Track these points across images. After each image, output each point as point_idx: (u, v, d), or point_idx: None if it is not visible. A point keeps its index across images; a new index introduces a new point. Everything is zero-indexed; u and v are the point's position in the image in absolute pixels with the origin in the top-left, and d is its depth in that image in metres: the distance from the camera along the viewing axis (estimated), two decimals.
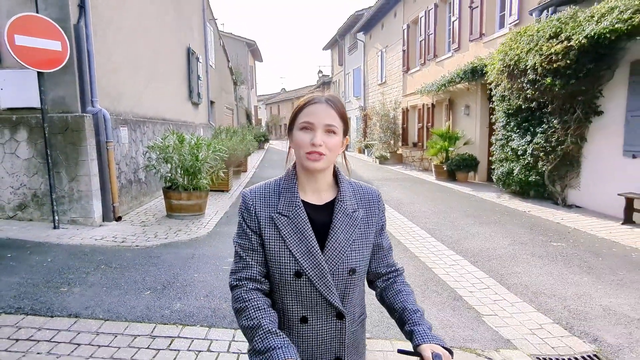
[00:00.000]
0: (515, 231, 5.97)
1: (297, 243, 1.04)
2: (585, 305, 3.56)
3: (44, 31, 4.75)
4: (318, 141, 1.01)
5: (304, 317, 1.07)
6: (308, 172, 1.08)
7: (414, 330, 1.06)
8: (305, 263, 1.03)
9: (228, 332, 2.91)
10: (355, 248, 1.09)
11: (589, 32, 5.55)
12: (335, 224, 1.07)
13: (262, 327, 0.99)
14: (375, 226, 1.15)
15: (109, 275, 3.81)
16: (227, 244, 5.00)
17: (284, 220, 1.05)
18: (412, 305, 1.13)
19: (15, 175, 5.28)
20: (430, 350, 0.99)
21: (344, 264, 1.06)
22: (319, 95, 1.08)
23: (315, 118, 1.03)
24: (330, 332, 1.09)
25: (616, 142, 6.44)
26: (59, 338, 2.72)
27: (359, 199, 1.14)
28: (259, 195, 1.10)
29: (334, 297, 1.06)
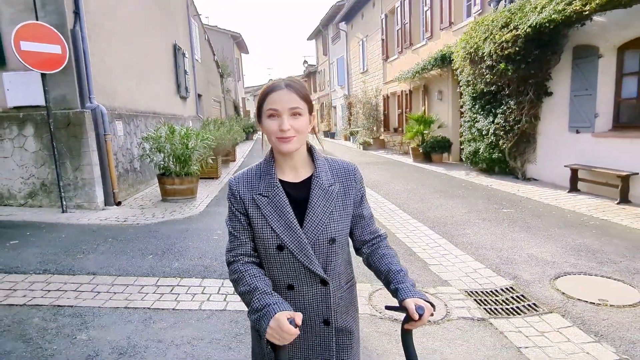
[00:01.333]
0: (474, 202, 6.73)
1: (277, 220, 1.14)
2: (514, 254, 4.31)
3: (45, 36, 5.33)
4: (286, 126, 1.09)
5: (290, 284, 1.17)
6: (283, 154, 1.17)
7: (399, 288, 1.15)
8: (286, 237, 1.13)
9: (218, 282, 3.62)
10: (333, 219, 1.17)
11: (532, 22, 6.26)
12: (313, 199, 1.16)
13: (258, 289, 1.10)
14: (354, 197, 1.23)
15: (116, 246, 4.49)
16: (216, 221, 5.68)
17: (264, 200, 1.15)
18: (396, 266, 1.22)
19: (24, 167, 5.90)
20: (413, 303, 1.08)
21: (324, 234, 1.15)
22: (279, 81, 1.14)
23: (279, 104, 1.10)
24: (315, 297, 1.18)
25: (563, 119, 7.20)
26: (82, 289, 3.40)
27: (335, 174, 1.22)
28: (242, 180, 1.20)
29: (315, 266, 1.15)
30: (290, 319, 1.00)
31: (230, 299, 3.28)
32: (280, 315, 1.00)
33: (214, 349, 2.58)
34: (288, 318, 1.00)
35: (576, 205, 6.10)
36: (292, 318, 1.00)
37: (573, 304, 3.20)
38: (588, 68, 6.57)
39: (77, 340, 2.63)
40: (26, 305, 3.09)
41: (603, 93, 6.48)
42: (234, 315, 3.02)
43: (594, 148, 6.61)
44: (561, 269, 3.87)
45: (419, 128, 11.60)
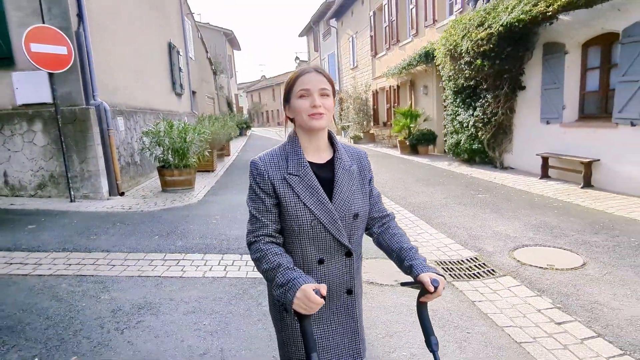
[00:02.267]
0: (453, 189, 7.27)
1: (310, 197, 1.20)
2: (482, 232, 4.85)
3: (52, 38, 5.74)
4: (318, 102, 1.18)
5: (320, 259, 1.24)
6: (311, 132, 1.24)
7: (413, 264, 1.23)
8: (319, 212, 1.20)
9: (218, 256, 4.11)
10: (356, 196, 1.27)
11: (503, 21, 6.79)
12: (339, 178, 1.24)
13: (282, 265, 1.16)
14: (367, 178, 1.34)
15: (125, 229, 4.96)
16: (214, 208, 6.16)
17: (295, 179, 1.21)
18: (407, 244, 1.31)
19: (34, 160, 6.32)
20: (428, 277, 1.16)
21: (349, 210, 1.24)
22: (308, 67, 1.24)
23: (311, 84, 1.19)
24: (342, 268, 1.27)
25: (536, 111, 7.76)
26: (99, 262, 3.88)
27: (352, 157, 1.33)
28: (269, 160, 1.24)
29: (344, 238, 1.23)
30: (316, 289, 1.07)
31: (230, 269, 3.78)
32: (307, 287, 1.07)
33: (217, 304, 3.08)
34: (314, 289, 1.07)
35: (544, 190, 6.66)
36: (317, 289, 1.07)
37: (525, 269, 3.73)
38: (556, 63, 7.11)
39: (101, 299, 3.12)
40: (53, 275, 3.56)
41: (569, 86, 7.03)
42: (233, 281, 3.51)
43: (562, 138, 7.17)
44: (520, 242, 4.41)
45: (406, 122, 12.12)
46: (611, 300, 3.06)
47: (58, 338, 2.57)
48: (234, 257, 4.08)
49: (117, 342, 2.55)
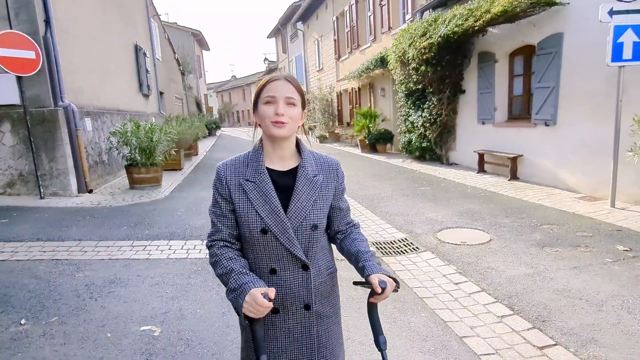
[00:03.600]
0: (400, 182, 8.04)
1: (263, 204, 1.19)
2: (416, 218, 5.59)
3: (20, 43, 6.06)
4: (281, 111, 1.17)
5: (272, 268, 1.23)
6: (274, 140, 1.23)
7: (365, 265, 1.24)
8: (270, 221, 1.18)
9: (181, 242, 4.64)
10: (316, 207, 1.25)
11: (441, 33, 7.61)
12: (298, 187, 1.23)
13: (234, 270, 1.18)
14: (334, 190, 1.32)
15: (94, 221, 5.40)
16: (180, 203, 6.65)
17: (250, 185, 1.21)
18: (365, 248, 1.32)
19: (2, 160, 6.59)
20: (377, 279, 1.17)
21: (307, 220, 1.22)
22: (278, 74, 1.24)
23: (277, 92, 1.18)
24: (297, 281, 1.24)
25: (474, 113, 8.66)
26: (72, 249, 4.34)
27: (319, 166, 1.30)
28: (229, 166, 1.26)
29: (297, 250, 1.21)
30: (264, 293, 1.09)
31: (191, 252, 4.33)
32: (255, 291, 1.09)
33: (179, 278, 3.64)
34: (262, 293, 1.09)
35: (477, 183, 7.54)
36: (265, 293, 1.09)
37: (442, 246, 4.48)
38: (488, 70, 8.02)
39: (76, 277, 3.61)
40: (30, 260, 4.01)
41: (500, 91, 7.95)
42: (194, 261, 4.07)
43: (494, 136, 8.09)
44: (445, 225, 5.18)
45: (365, 122, 12.90)
46: (500, 266, 3.83)
47: (40, 305, 3.07)
48: (196, 243, 4.62)
49: (92, 306, 3.07)
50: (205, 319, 2.90)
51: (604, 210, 5.33)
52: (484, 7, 6.67)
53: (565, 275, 3.53)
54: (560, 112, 6.46)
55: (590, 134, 5.92)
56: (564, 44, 6.23)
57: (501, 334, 2.74)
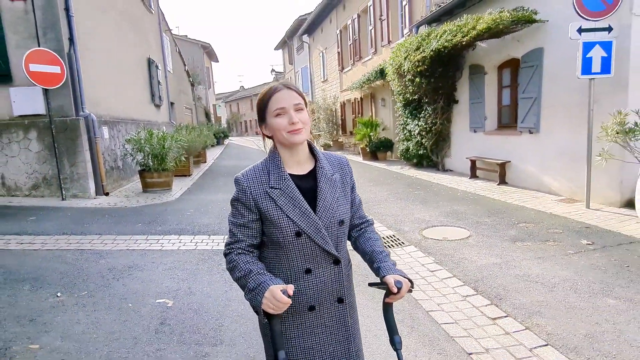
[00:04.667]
0: (396, 187, 8.52)
1: (292, 208, 1.24)
2: (406, 218, 6.06)
3: (48, 59, 6.72)
4: (295, 119, 1.23)
5: (308, 268, 1.28)
6: (291, 147, 1.28)
7: (380, 266, 1.29)
8: (303, 223, 1.24)
9: (190, 237, 5.17)
10: (340, 204, 1.31)
11: (433, 47, 8.14)
12: (322, 187, 1.28)
13: (252, 271, 1.22)
14: (349, 185, 1.38)
15: (112, 219, 5.96)
16: (189, 204, 7.20)
17: (277, 192, 1.25)
18: (380, 248, 1.36)
19: (28, 164, 7.22)
20: (393, 279, 1.21)
21: (334, 217, 1.28)
22: (277, 84, 1.28)
23: (285, 102, 1.23)
24: (331, 277, 1.30)
25: (466, 121, 9.14)
26: (94, 241, 4.89)
27: (333, 165, 1.36)
28: (251, 176, 1.28)
29: (331, 247, 1.27)
30: (283, 290, 1.10)
31: (199, 245, 4.85)
32: (274, 287, 1.11)
33: (188, 265, 4.15)
34: (281, 289, 1.10)
35: (468, 187, 7.99)
36: (284, 289, 1.11)
37: (426, 241, 4.94)
38: (479, 82, 8.51)
39: (99, 263, 4.15)
40: (59, 250, 4.56)
41: (489, 101, 8.43)
42: (202, 252, 4.59)
43: (485, 143, 8.55)
44: (431, 224, 5.64)
45: (366, 131, 13.42)
46: (473, 257, 4.29)
47: (71, 283, 3.61)
48: (203, 237, 5.15)
49: (114, 284, 3.60)
50: (211, 295, 3.41)
51: (579, 211, 5.75)
52: (470, 24, 7.20)
53: (528, 264, 3.98)
54: (542, 121, 6.92)
55: (568, 141, 6.36)
56: (544, 58, 6.72)
57: (463, 309, 3.21)
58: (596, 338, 2.67)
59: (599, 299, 3.20)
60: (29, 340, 2.64)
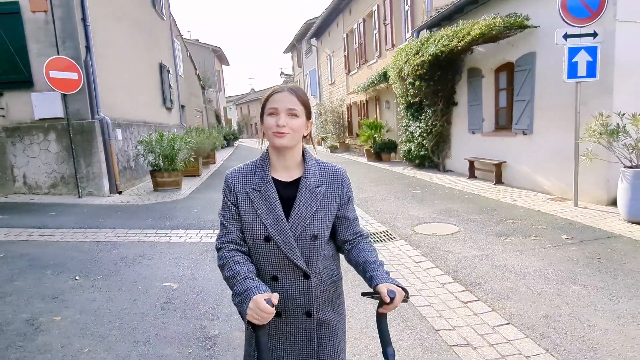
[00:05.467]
0: (396, 187, 8.82)
1: (267, 213, 1.25)
2: (400, 215, 6.37)
3: (67, 67, 7.21)
4: (282, 122, 1.21)
5: (274, 275, 1.28)
6: (277, 150, 1.28)
7: (373, 275, 1.25)
8: (273, 229, 1.24)
9: (196, 231, 5.56)
10: (317, 217, 1.28)
11: (431, 51, 8.43)
12: (299, 197, 1.27)
13: (240, 274, 1.20)
14: (339, 199, 1.34)
15: (125, 215, 6.40)
16: (196, 202, 7.61)
17: (256, 194, 1.26)
18: (373, 258, 1.33)
19: (48, 164, 7.72)
20: (386, 288, 1.17)
21: (307, 231, 1.26)
22: (283, 85, 1.30)
23: (279, 104, 1.23)
24: (298, 289, 1.28)
25: (465, 123, 9.39)
26: (108, 234, 5.31)
27: (324, 176, 1.33)
28: (237, 174, 1.32)
29: (298, 259, 1.25)
30: (267, 299, 1.10)
31: (204, 238, 5.24)
32: (258, 297, 1.10)
33: (193, 255, 4.54)
34: (265, 299, 1.09)
35: (465, 187, 8.24)
36: (269, 298, 1.10)
37: (416, 236, 5.25)
38: (476, 85, 8.77)
39: (113, 252, 4.56)
40: (76, 241, 5.00)
41: (486, 103, 8.69)
42: (206, 244, 4.97)
43: (482, 144, 8.80)
44: (423, 221, 5.94)
45: (371, 132, 13.73)
46: (457, 250, 4.59)
47: (87, 269, 4.02)
48: (208, 231, 5.54)
49: (126, 270, 4.00)
50: (211, 280, 3.78)
51: (567, 209, 5.99)
52: (465, 30, 7.48)
53: (507, 256, 4.26)
54: (535, 123, 7.16)
55: (559, 142, 6.59)
56: (537, 62, 6.97)
57: (439, 294, 3.52)
58: (553, 318, 2.97)
59: (565, 286, 3.48)
60: (53, 314, 3.04)
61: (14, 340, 2.69)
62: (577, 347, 2.59)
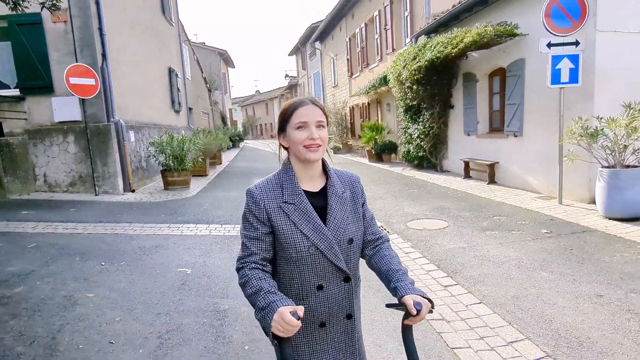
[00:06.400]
0: (394, 186, 9.25)
1: (306, 224, 1.25)
2: (396, 212, 6.80)
3: (85, 73, 7.73)
4: (316, 135, 1.24)
5: (319, 285, 1.28)
6: (306, 163, 1.29)
7: (397, 286, 1.25)
8: (316, 239, 1.25)
9: (205, 225, 6.04)
10: (349, 222, 1.32)
11: (427, 57, 8.87)
12: (332, 205, 1.30)
13: (263, 289, 1.18)
14: (359, 202, 1.40)
15: (139, 211, 6.90)
16: (205, 200, 8.09)
17: (291, 207, 1.26)
18: (396, 266, 1.34)
19: (66, 164, 8.25)
20: (412, 300, 1.16)
21: (344, 235, 1.29)
22: (304, 98, 1.29)
23: (308, 117, 1.25)
24: (341, 294, 1.31)
25: (461, 125, 9.81)
26: (125, 228, 5.80)
27: (344, 183, 1.38)
28: (264, 190, 1.29)
29: (342, 263, 1.28)
30: (293, 311, 1.08)
31: (213, 231, 5.71)
32: (283, 309, 1.09)
33: (204, 246, 5.01)
34: (290, 311, 1.08)
35: (460, 186, 8.66)
36: (294, 311, 1.08)
37: (408, 230, 5.68)
38: (471, 89, 9.19)
39: (132, 243, 5.05)
40: (99, 234, 5.49)
41: (481, 107, 9.10)
42: (215, 237, 5.45)
43: (477, 146, 9.21)
44: (416, 217, 6.37)
45: (372, 134, 14.17)
46: (444, 242, 5.02)
47: (111, 257, 4.50)
48: (217, 226, 6.01)
49: (145, 258, 4.48)
50: (221, 266, 4.25)
51: (552, 207, 6.40)
52: (459, 37, 7.91)
53: (489, 248, 4.69)
54: (525, 125, 7.57)
55: (546, 144, 7.00)
56: (526, 68, 7.38)
57: (423, 279, 3.96)
58: (520, 298, 3.40)
59: (536, 272, 3.90)
60: (86, 291, 3.52)
61: (57, 311, 3.17)
62: (536, 321, 3.02)
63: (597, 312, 3.08)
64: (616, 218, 5.34)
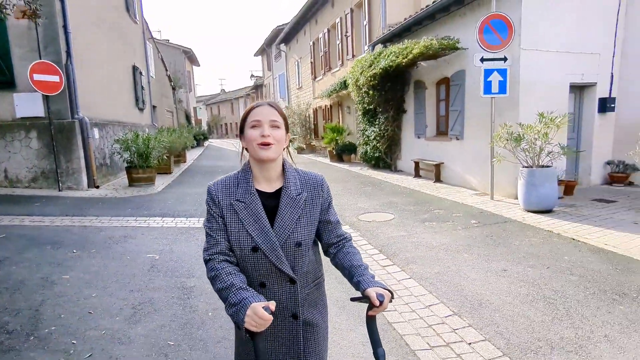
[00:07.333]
0: (351, 184, 9.93)
1: (253, 224, 1.29)
2: (350, 207, 7.44)
3: (49, 70, 7.85)
4: (266, 132, 1.27)
5: (262, 282, 1.33)
6: (261, 162, 1.32)
7: (360, 280, 1.31)
8: (260, 239, 1.28)
9: (171, 219, 6.42)
10: (300, 225, 1.33)
11: (381, 65, 9.62)
12: (282, 207, 1.32)
13: (234, 285, 1.23)
14: (321, 205, 1.41)
15: (106, 206, 7.15)
16: (169, 196, 8.41)
17: (241, 205, 1.30)
18: (358, 262, 1.39)
19: (29, 160, 8.30)
20: (374, 292, 1.23)
21: (291, 238, 1.31)
22: (262, 101, 1.36)
23: (262, 116, 1.29)
24: (285, 294, 1.35)
25: (412, 129, 10.65)
26: (93, 220, 6.08)
27: (304, 184, 1.39)
28: (220, 186, 1.34)
29: (285, 266, 1.31)
30: (265, 307, 1.13)
31: (178, 224, 6.11)
32: (256, 305, 1.13)
33: (170, 236, 5.42)
34: (263, 306, 1.13)
35: (410, 184, 9.46)
36: (267, 306, 1.14)
37: (359, 223, 6.33)
38: (421, 95, 10.04)
39: (100, 234, 5.38)
40: (67, 225, 5.76)
41: (429, 112, 9.96)
42: (180, 228, 5.86)
43: (426, 148, 10.07)
44: (367, 211, 7.04)
45: (333, 135, 14.85)
46: (388, 231, 5.70)
47: (81, 245, 4.83)
48: (182, 219, 6.41)
49: (115, 247, 4.85)
50: (187, 252, 4.70)
51: (485, 202, 7.27)
52: (409, 49, 8.70)
53: (425, 236, 5.41)
54: (466, 130, 8.45)
55: (481, 146, 7.89)
56: (466, 78, 8.26)
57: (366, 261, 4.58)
58: (443, 274, 4.10)
59: (459, 254, 4.64)
60: (61, 274, 3.89)
61: (36, 289, 3.54)
62: (451, 290, 3.72)
63: (499, 282, 3.83)
64: (533, 210, 6.25)
